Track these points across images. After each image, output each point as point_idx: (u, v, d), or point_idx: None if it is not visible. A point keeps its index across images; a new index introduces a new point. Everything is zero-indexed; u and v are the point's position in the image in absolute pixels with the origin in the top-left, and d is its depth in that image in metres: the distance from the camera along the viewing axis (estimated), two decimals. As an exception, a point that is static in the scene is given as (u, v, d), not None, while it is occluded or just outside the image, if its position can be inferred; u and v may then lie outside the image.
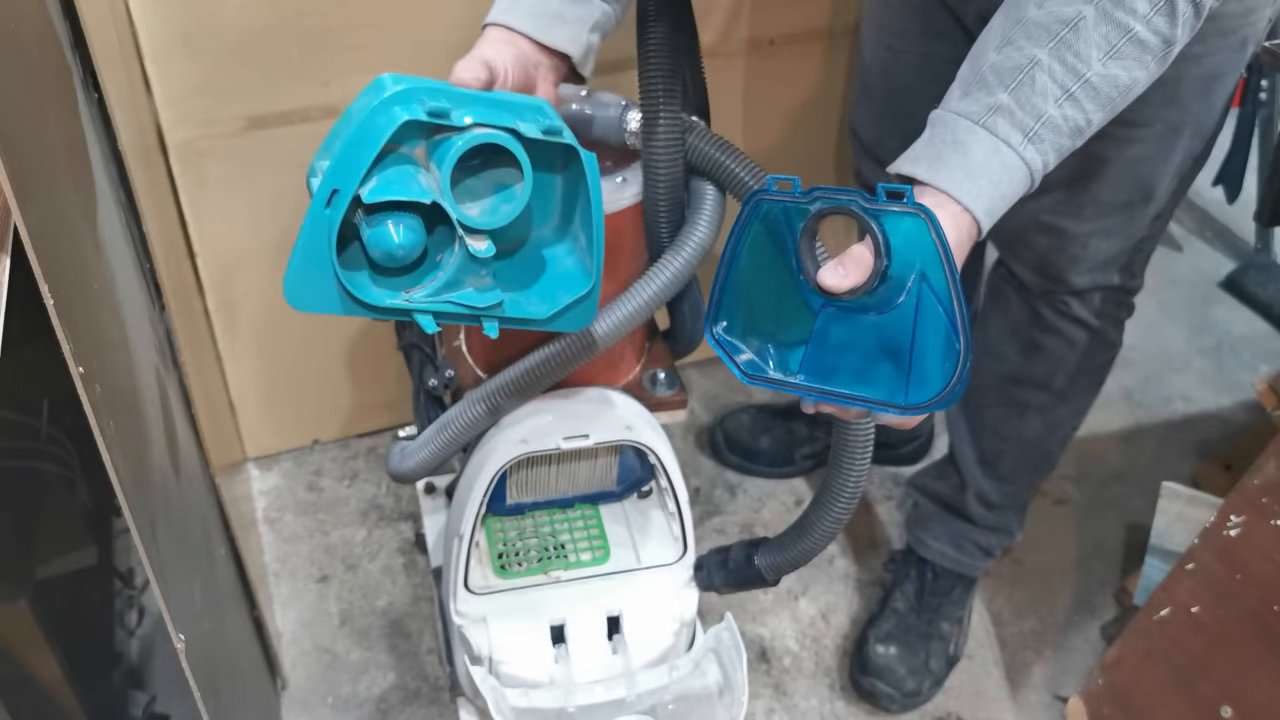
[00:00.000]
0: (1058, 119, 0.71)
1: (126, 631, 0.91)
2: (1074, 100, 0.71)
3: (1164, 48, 0.71)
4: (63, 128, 0.75)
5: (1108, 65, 0.70)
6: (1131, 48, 0.70)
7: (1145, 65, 0.71)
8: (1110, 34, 0.70)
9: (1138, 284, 1.20)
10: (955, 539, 1.37)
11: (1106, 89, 0.71)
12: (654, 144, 0.95)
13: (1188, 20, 0.71)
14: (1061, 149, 0.73)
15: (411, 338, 1.22)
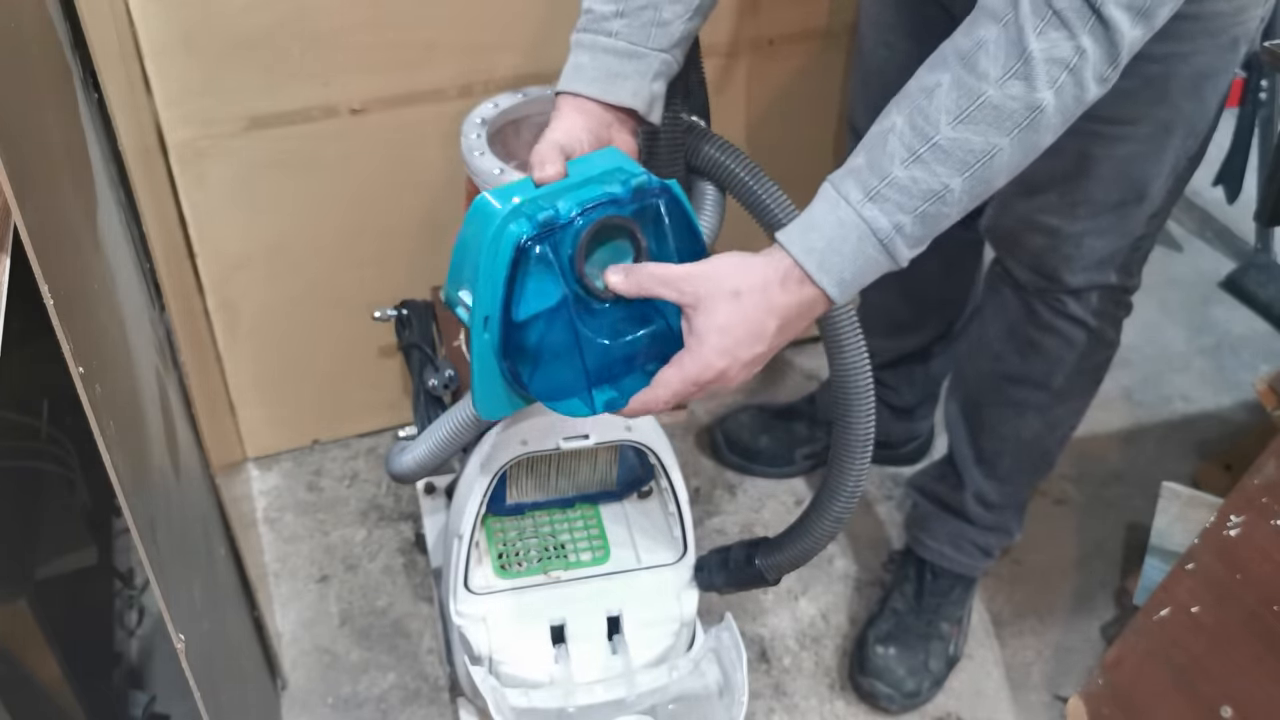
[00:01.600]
0: (904, 180, 0.73)
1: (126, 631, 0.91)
2: (922, 162, 0.72)
3: (1029, 113, 0.70)
4: (63, 128, 0.75)
5: (958, 129, 0.71)
6: (984, 113, 0.71)
7: (1007, 131, 0.71)
8: (960, 99, 0.71)
9: (1135, 283, 1.19)
10: (954, 539, 1.37)
11: (959, 153, 0.72)
12: (655, 144, 0.95)
13: (1069, 87, 0.70)
14: (917, 211, 0.73)
15: (412, 338, 1.22)
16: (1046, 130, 0.72)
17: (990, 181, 0.73)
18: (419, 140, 1.31)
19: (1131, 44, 0.69)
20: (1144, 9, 0.68)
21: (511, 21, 1.25)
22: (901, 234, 0.74)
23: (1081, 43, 0.69)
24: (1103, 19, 0.68)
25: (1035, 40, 0.69)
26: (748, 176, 0.97)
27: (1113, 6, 0.67)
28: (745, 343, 0.78)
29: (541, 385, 0.81)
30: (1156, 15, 0.69)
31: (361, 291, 1.41)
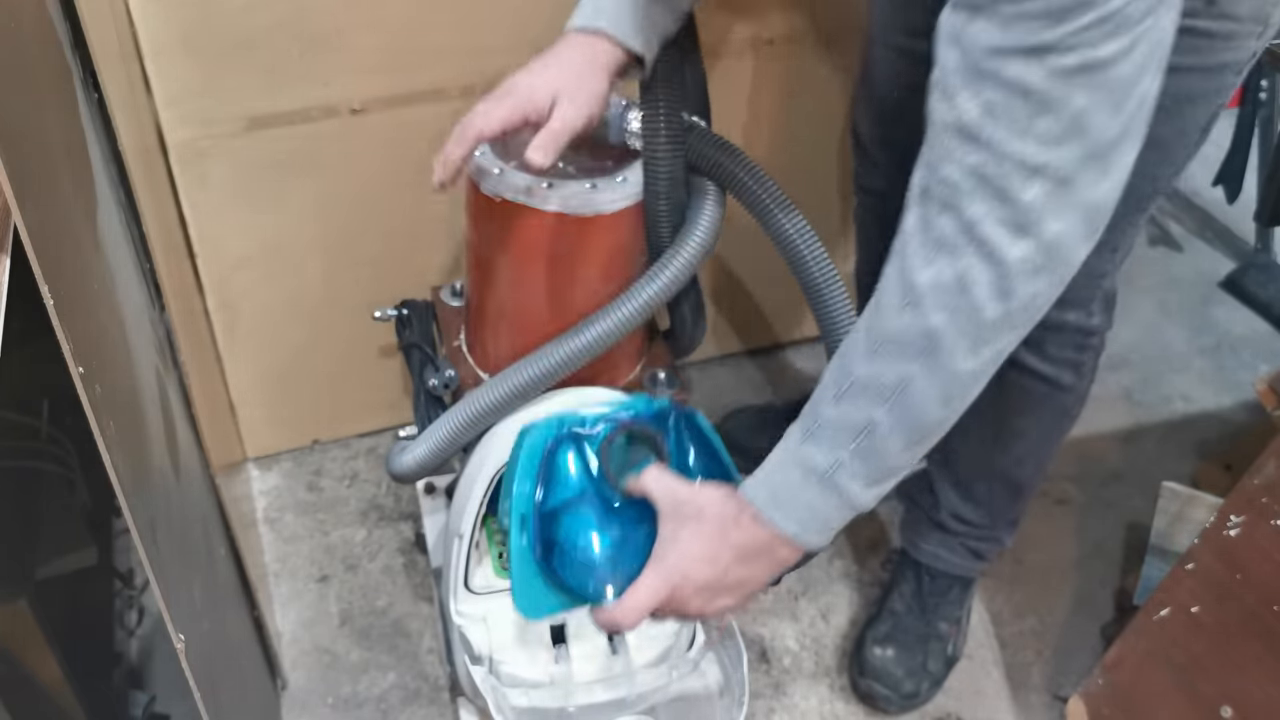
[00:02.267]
0: (833, 416, 0.78)
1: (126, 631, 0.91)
2: (847, 398, 0.77)
3: (925, 340, 0.72)
4: (63, 128, 0.75)
5: (871, 363, 0.75)
6: (888, 345, 0.74)
7: (910, 357, 0.73)
8: (869, 334, 0.75)
9: (1097, 324, 1.13)
10: (945, 543, 1.36)
11: (874, 385, 0.75)
12: (655, 144, 0.95)
13: (962, 310, 0.71)
14: (851, 448, 0.77)
15: (412, 337, 1.22)
16: (954, 352, 0.73)
17: (918, 410, 0.75)
18: (419, 140, 1.31)
19: (1022, 259, 0.68)
20: (1023, 224, 0.67)
21: (512, 22, 1.25)
22: (843, 470, 0.78)
23: (961, 267, 0.69)
24: (980, 240, 0.68)
25: (921, 271, 0.71)
26: (747, 177, 0.97)
27: (988, 226, 0.67)
28: (698, 565, 0.83)
29: (568, 573, 0.89)
30: (1040, 229, 0.67)
31: (361, 291, 1.41)
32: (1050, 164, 0.65)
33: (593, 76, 0.92)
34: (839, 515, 0.80)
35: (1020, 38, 0.63)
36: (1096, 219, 0.69)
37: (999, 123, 0.65)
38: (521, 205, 0.98)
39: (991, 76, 0.64)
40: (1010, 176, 0.66)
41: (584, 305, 1.02)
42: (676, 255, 0.99)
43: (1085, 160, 0.66)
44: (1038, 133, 0.65)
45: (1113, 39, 0.62)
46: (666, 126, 0.94)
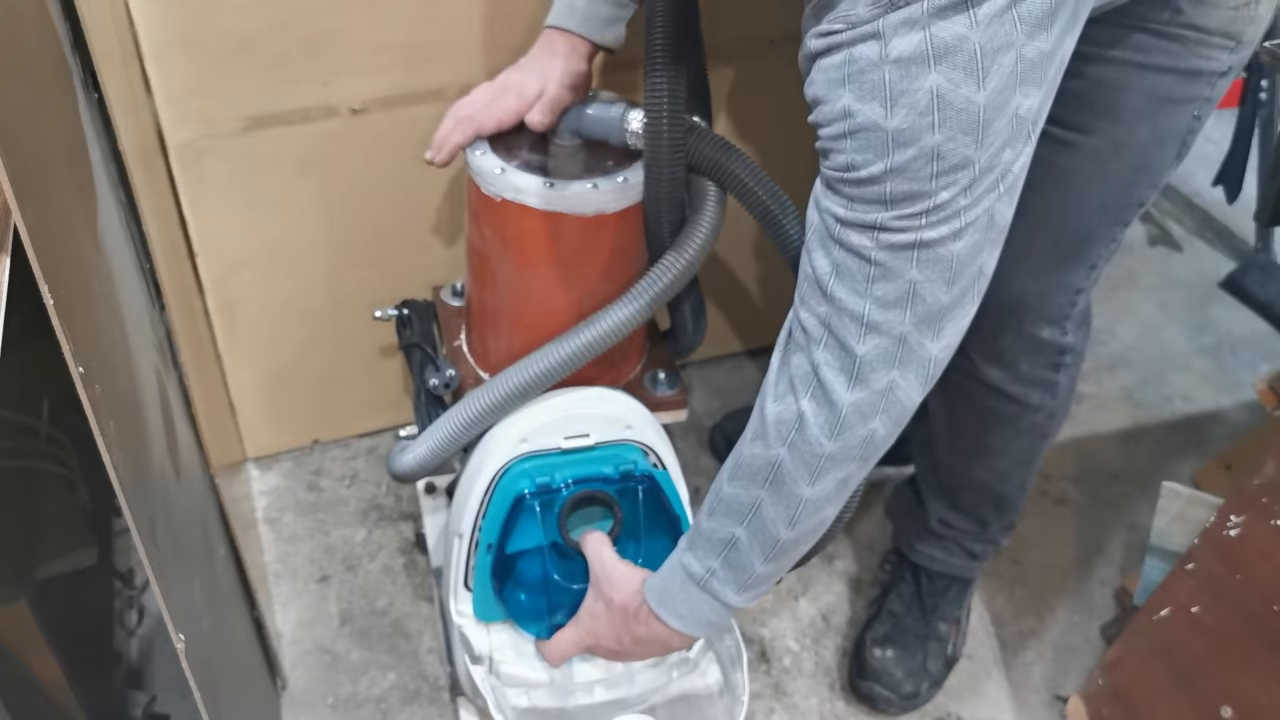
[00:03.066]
0: (706, 530, 0.87)
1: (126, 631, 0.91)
2: (715, 515, 0.86)
3: (769, 468, 0.81)
4: (63, 128, 0.75)
5: (731, 485, 0.85)
6: (741, 470, 0.84)
7: (759, 483, 0.82)
8: (732, 459, 0.85)
9: (1071, 342, 1.11)
10: (942, 546, 1.35)
11: (734, 505, 0.85)
12: (657, 145, 0.95)
13: (800, 444, 0.79)
14: (720, 557, 0.87)
15: (413, 337, 1.22)
16: (797, 479, 0.80)
17: (772, 532, 0.84)
18: (419, 140, 1.31)
19: (855, 404, 0.76)
20: (858, 374, 0.75)
21: (511, 21, 1.25)
22: (716, 578, 0.87)
23: (802, 406, 0.78)
24: (821, 383, 0.76)
25: (771, 405, 0.80)
26: (748, 178, 0.97)
27: (825, 370, 0.76)
28: (604, 640, 0.97)
29: (514, 605, 1.04)
30: (873, 379, 0.75)
31: (361, 291, 1.41)
32: (884, 323, 0.73)
33: (572, 61, 1.01)
34: (715, 614, 0.90)
35: (860, 214, 0.69)
36: (929, 371, 0.76)
37: (843, 282, 0.72)
38: (523, 205, 0.98)
39: (840, 242, 0.71)
40: (849, 329, 0.73)
41: (584, 305, 1.02)
42: (678, 256, 0.99)
43: (918, 324, 0.73)
44: (875, 295, 0.71)
45: (941, 225, 0.68)
46: (668, 127, 0.94)
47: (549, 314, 1.03)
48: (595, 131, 1.02)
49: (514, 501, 1.00)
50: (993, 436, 1.20)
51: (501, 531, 1.01)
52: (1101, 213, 1.01)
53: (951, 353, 0.77)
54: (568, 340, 0.99)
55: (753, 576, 0.86)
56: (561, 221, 0.98)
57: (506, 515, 1.00)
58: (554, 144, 1.03)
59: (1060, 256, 1.04)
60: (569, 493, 1.00)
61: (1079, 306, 1.10)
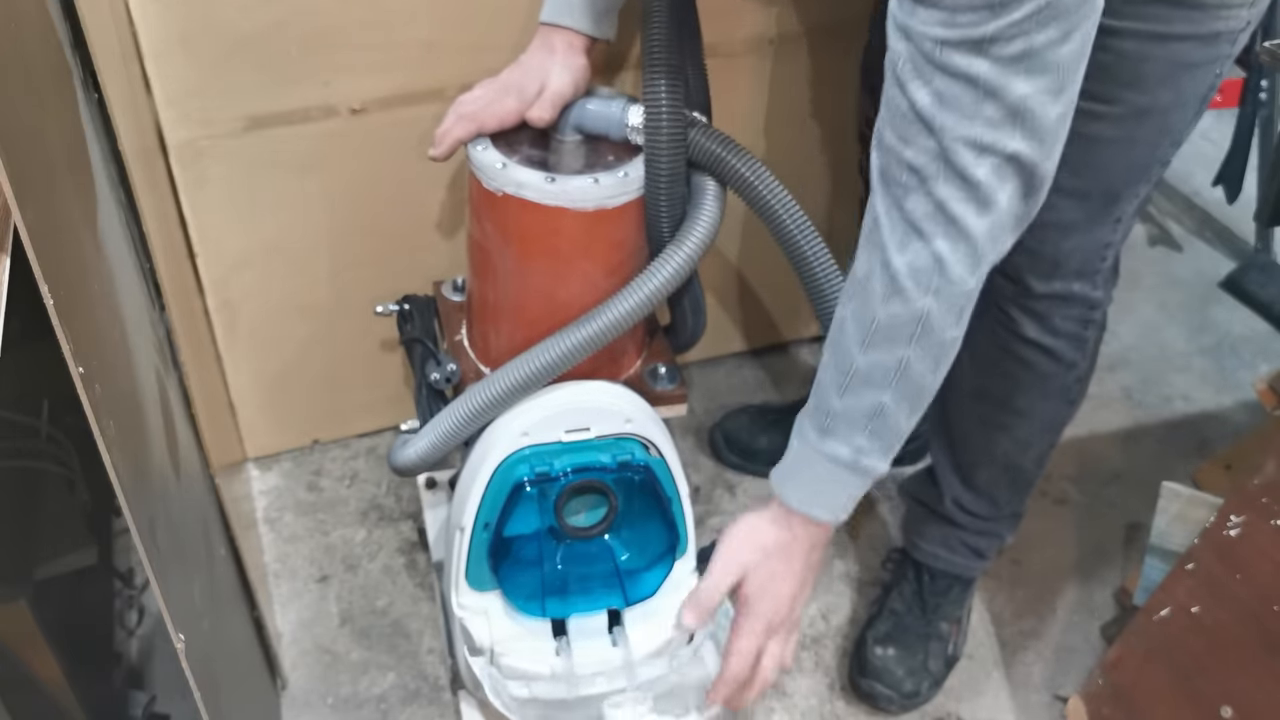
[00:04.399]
0: (842, 409, 0.84)
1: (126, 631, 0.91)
2: (851, 390, 0.83)
3: (915, 323, 0.79)
4: (63, 128, 0.75)
5: (868, 354, 0.81)
6: (880, 334, 0.80)
7: (904, 341, 0.80)
8: (860, 328, 0.81)
9: (1101, 296, 1.14)
10: (945, 541, 1.35)
11: (876, 373, 0.82)
12: (657, 139, 0.95)
13: (944, 288, 0.77)
14: (867, 430, 0.85)
15: (414, 332, 1.22)
16: (945, 326, 0.79)
17: (919, 384, 0.83)
18: (419, 140, 1.31)
19: (989, 233, 0.74)
20: (981, 199, 0.73)
21: (511, 20, 1.25)
22: (864, 454, 0.86)
23: (936, 248, 0.75)
24: (950, 219, 0.74)
25: (897, 257, 0.77)
26: (749, 173, 0.97)
27: (954, 205, 0.73)
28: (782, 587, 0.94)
29: (509, 583, 1.04)
30: (993, 203, 0.73)
31: (362, 291, 1.41)
32: (995, 143, 0.70)
33: (570, 56, 1.03)
34: (866, 487, 0.89)
35: (965, 30, 0.66)
36: (1038, 188, 0.75)
37: (949, 110, 0.69)
38: (524, 200, 0.98)
39: (941, 67, 0.69)
40: (965, 157, 0.71)
41: (585, 300, 1.02)
42: (677, 251, 0.99)
43: (1028, 139, 0.71)
44: (985, 116, 0.69)
45: (1051, 25, 0.66)
46: (667, 122, 0.95)
47: (550, 309, 1.04)
48: (596, 126, 1.02)
49: (512, 488, 1.01)
50: (1021, 398, 1.20)
51: (499, 517, 1.02)
52: (1127, 173, 1.03)
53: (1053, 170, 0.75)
54: (568, 335, 0.99)
55: (900, 436, 0.86)
56: (562, 216, 0.98)
57: (505, 502, 1.01)
58: (555, 139, 1.04)
59: (1088, 216, 1.06)
60: (566, 481, 1.00)
61: (1108, 261, 1.11)
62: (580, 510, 1.03)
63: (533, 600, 1.05)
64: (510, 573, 1.04)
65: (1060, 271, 1.10)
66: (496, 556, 1.04)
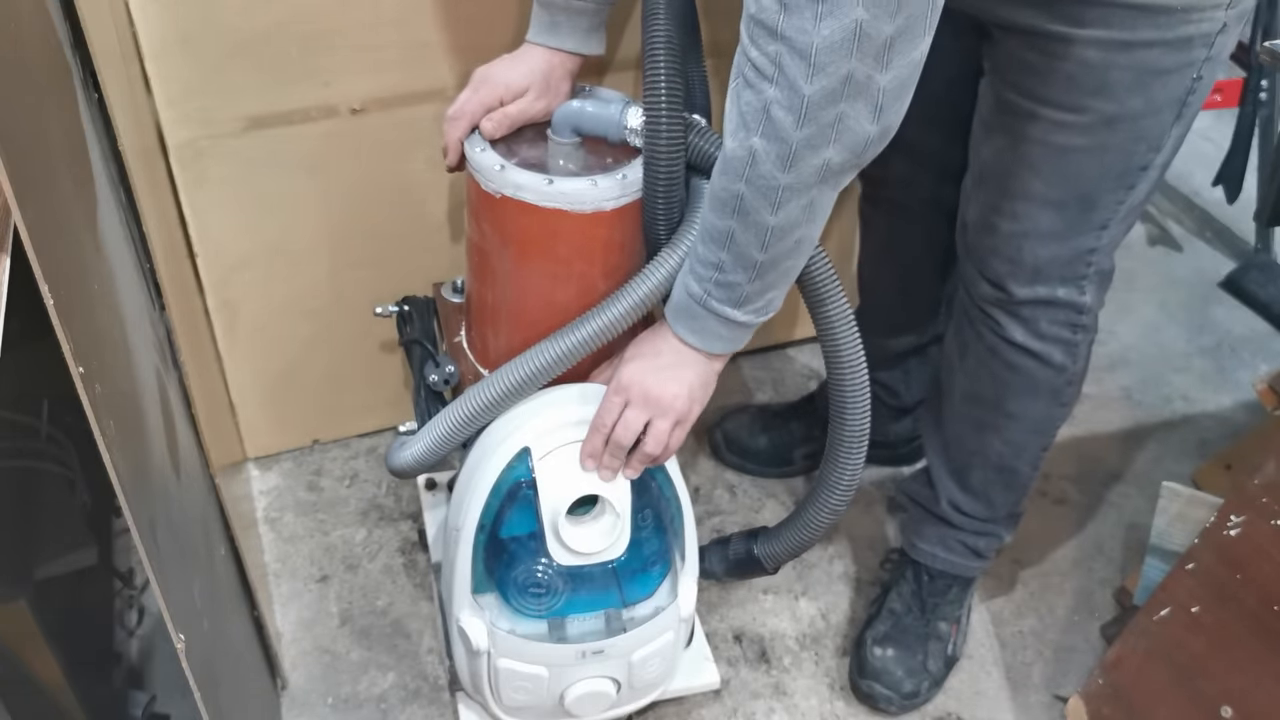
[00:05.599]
0: (699, 253, 0.91)
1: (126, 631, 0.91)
2: (702, 240, 0.90)
3: (734, 199, 0.84)
4: (63, 128, 0.75)
5: (710, 213, 0.88)
6: (714, 201, 0.87)
7: (729, 214, 0.85)
8: (708, 192, 0.88)
9: (1088, 301, 1.13)
10: (943, 541, 1.35)
11: (713, 231, 0.88)
12: (656, 142, 0.95)
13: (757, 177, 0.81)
14: (713, 279, 0.91)
15: (413, 333, 1.22)
16: (759, 209, 0.83)
17: (748, 254, 0.87)
18: (419, 140, 1.32)
19: (806, 139, 0.77)
20: (804, 111, 0.76)
21: (511, 20, 1.25)
22: (712, 298, 0.92)
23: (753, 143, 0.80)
24: (770, 119, 0.78)
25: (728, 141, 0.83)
26: None
27: (775, 109, 0.77)
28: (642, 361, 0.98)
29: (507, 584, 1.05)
30: (818, 117, 0.76)
31: (362, 291, 1.41)
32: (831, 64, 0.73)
33: (560, 80, 1.06)
34: (725, 329, 0.95)
35: None
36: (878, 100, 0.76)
37: (792, 18, 0.73)
38: (522, 202, 0.98)
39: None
40: (798, 69, 0.74)
41: (583, 301, 1.02)
42: (673, 252, 0.99)
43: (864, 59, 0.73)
44: (823, 34, 0.72)
45: None
46: (666, 124, 0.95)
47: (548, 310, 1.04)
48: (594, 128, 1.02)
49: (510, 491, 1.01)
50: (1011, 401, 1.20)
51: (497, 519, 1.02)
52: (1102, 180, 1.02)
53: (905, 83, 0.77)
54: (565, 336, 0.99)
55: (743, 294, 0.91)
56: (561, 218, 0.98)
57: (502, 504, 1.02)
58: (553, 141, 1.04)
59: (1066, 223, 1.05)
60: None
61: (1094, 266, 1.10)
62: (577, 513, 1.02)
63: (530, 601, 1.05)
64: (508, 574, 1.04)
65: (1042, 278, 1.09)
66: (494, 558, 1.04)
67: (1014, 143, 1.03)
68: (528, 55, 1.06)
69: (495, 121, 1.03)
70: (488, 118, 1.03)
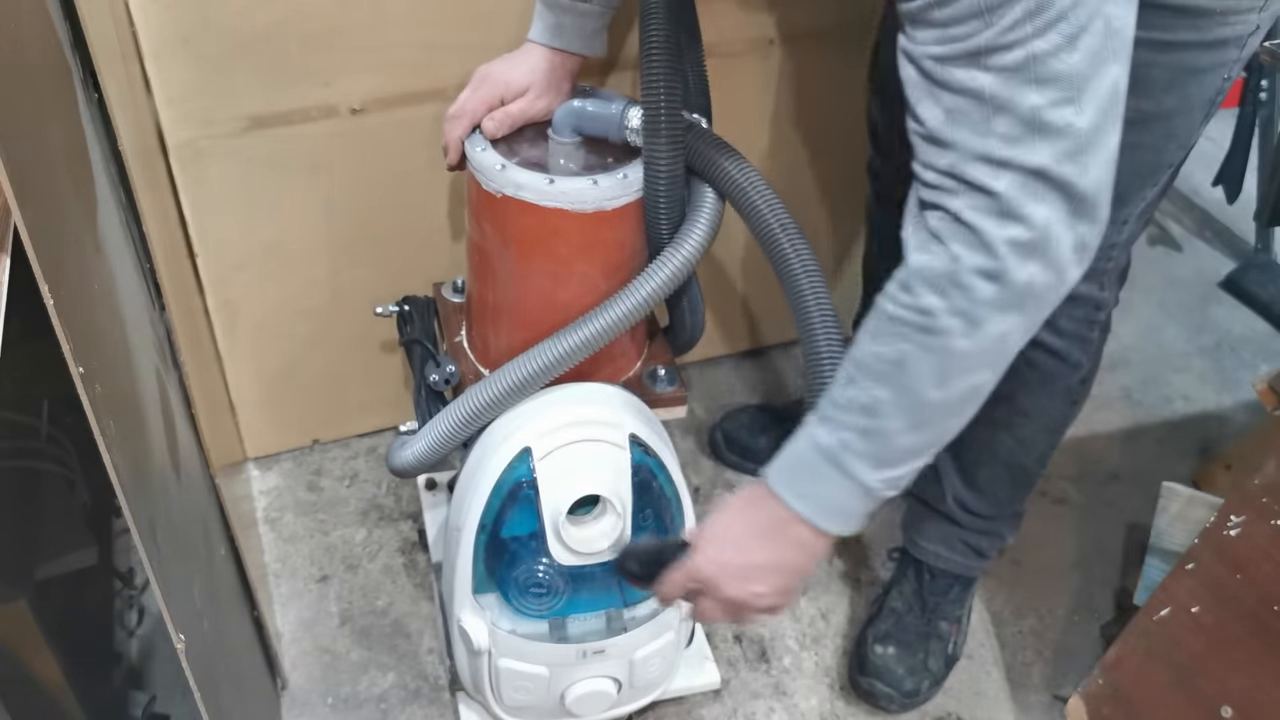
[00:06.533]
0: (842, 399, 0.81)
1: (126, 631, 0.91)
2: (853, 381, 0.80)
3: (921, 318, 0.76)
4: (63, 128, 0.75)
5: (873, 344, 0.79)
6: (887, 325, 0.78)
7: (907, 337, 0.77)
8: (873, 318, 0.79)
9: (1107, 297, 1.13)
10: (946, 540, 1.35)
11: (875, 364, 0.79)
12: (656, 141, 0.95)
13: (954, 292, 0.74)
14: (858, 428, 0.81)
15: (413, 333, 1.22)
16: (949, 330, 0.75)
17: (916, 391, 0.78)
18: (419, 140, 1.31)
19: (1011, 243, 0.70)
20: (1002, 209, 0.70)
21: (512, 20, 1.25)
22: (850, 450, 0.81)
23: (953, 249, 0.72)
24: (967, 225, 0.71)
25: (914, 254, 0.75)
26: (740, 176, 0.97)
27: (970, 214, 0.71)
28: (716, 542, 0.89)
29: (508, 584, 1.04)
30: (1020, 214, 0.69)
31: (362, 291, 1.41)
32: (1015, 158, 0.67)
33: (562, 80, 1.07)
34: (848, 498, 0.83)
35: (959, 45, 0.65)
36: (1089, 210, 0.70)
37: (960, 125, 0.68)
38: (523, 201, 0.98)
39: (945, 85, 0.67)
40: (980, 170, 0.68)
41: (584, 301, 1.02)
42: (676, 252, 0.99)
43: (1056, 156, 0.67)
44: (999, 133, 0.67)
45: (1050, 31, 0.64)
46: (666, 124, 0.95)
47: (549, 310, 1.04)
48: (595, 128, 1.02)
49: (511, 490, 1.01)
50: (1025, 397, 1.20)
51: (498, 518, 1.02)
52: (1132, 177, 1.01)
53: (1104, 186, 0.70)
54: (565, 336, 0.99)
55: (892, 449, 0.81)
56: (561, 218, 0.98)
57: (503, 504, 1.02)
58: (554, 140, 1.04)
59: None
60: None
61: (1115, 262, 1.10)
62: (578, 513, 1.02)
63: (531, 601, 1.05)
64: (509, 574, 1.04)
65: None
66: (495, 558, 1.03)
67: None
68: (529, 54, 1.06)
69: (496, 121, 1.03)
70: (489, 117, 1.03)
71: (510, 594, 1.05)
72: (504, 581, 1.04)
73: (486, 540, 1.03)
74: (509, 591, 1.04)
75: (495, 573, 1.04)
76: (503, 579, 1.04)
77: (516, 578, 1.04)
